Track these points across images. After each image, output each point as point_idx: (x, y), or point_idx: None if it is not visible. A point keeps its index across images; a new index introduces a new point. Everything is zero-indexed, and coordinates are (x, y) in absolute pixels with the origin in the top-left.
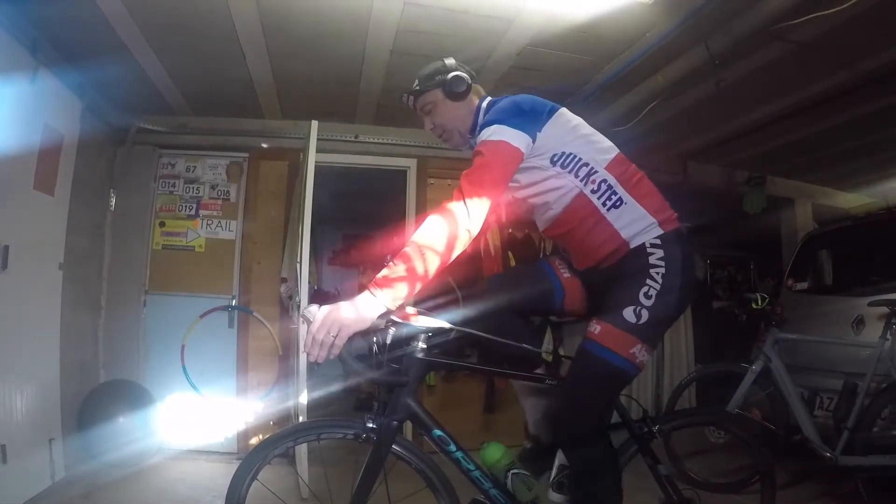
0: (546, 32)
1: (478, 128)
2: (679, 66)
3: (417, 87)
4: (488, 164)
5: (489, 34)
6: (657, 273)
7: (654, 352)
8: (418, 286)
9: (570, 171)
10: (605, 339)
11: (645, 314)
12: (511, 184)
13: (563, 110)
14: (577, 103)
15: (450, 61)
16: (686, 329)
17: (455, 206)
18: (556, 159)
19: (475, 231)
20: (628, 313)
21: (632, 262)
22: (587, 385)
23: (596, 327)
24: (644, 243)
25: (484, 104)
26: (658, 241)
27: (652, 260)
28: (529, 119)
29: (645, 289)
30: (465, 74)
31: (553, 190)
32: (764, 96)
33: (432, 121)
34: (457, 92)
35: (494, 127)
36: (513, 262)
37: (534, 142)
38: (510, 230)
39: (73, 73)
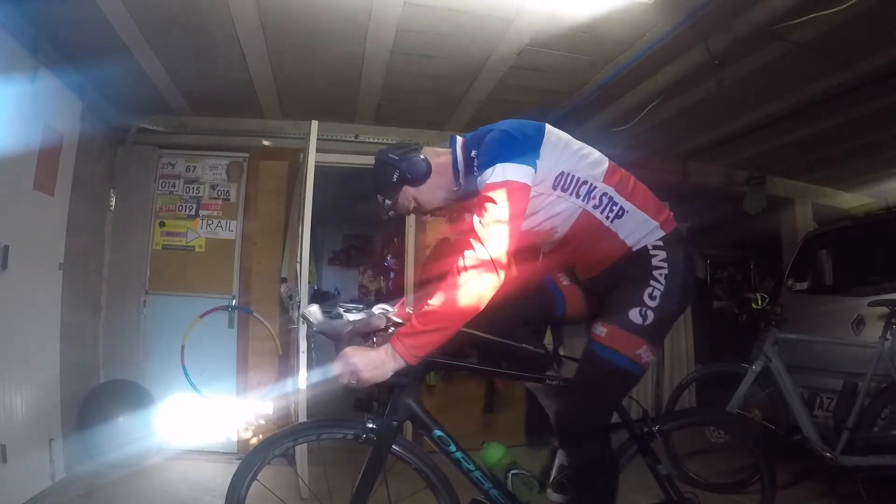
0: (546, 32)
1: (474, 169)
2: (679, 66)
3: (387, 202)
4: (500, 205)
5: (489, 34)
6: (661, 274)
7: (658, 351)
8: (444, 340)
9: (571, 193)
10: (612, 341)
11: (650, 315)
12: None
13: (549, 127)
14: (577, 103)
15: (391, 156)
16: (686, 329)
17: (475, 253)
18: (557, 183)
19: (502, 270)
20: (634, 315)
21: (635, 265)
22: (594, 386)
23: (602, 329)
24: (647, 246)
25: (459, 146)
26: (660, 243)
27: (655, 262)
28: (527, 148)
29: (650, 290)
30: (412, 154)
31: (558, 214)
32: (764, 96)
33: (423, 211)
34: (421, 175)
35: (496, 167)
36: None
37: (535, 170)
38: None
39: (73, 73)
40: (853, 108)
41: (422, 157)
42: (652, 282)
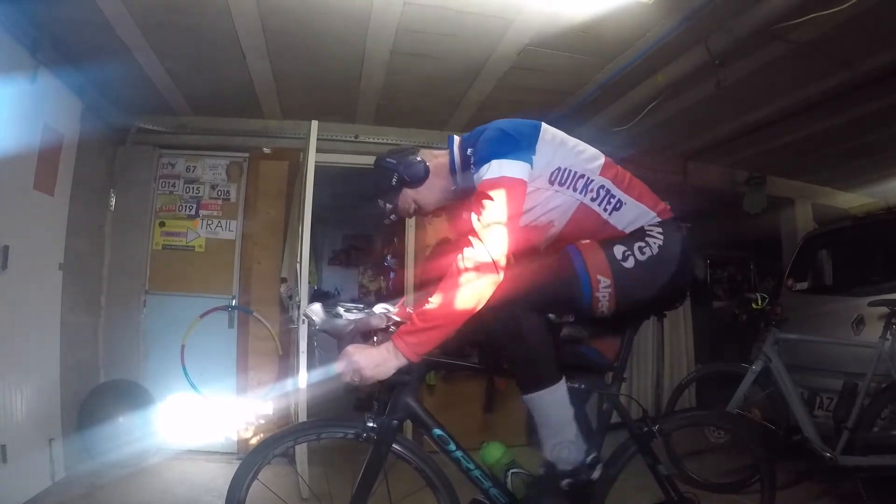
0: (546, 32)
1: (471, 166)
2: (679, 66)
3: (388, 205)
4: (497, 202)
5: (489, 34)
6: (655, 243)
7: (611, 306)
8: (444, 337)
9: (568, 187)
10: (586, 251)
11: (631, 261)
12: None
13: (544, 125)
14: (577, 103)
15: (388, 160)
16: (686, 329)
17: (474, 251)
18: (553, 177)
19: (501, 269)
20: (618, 249)
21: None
22: (543, 273)
23: (586, 241)
24: (643, 226)
25: (456, 146)
26: (656, 223)
27: (651, 233)
28: (522, 144)
29: (641, 244)
30: (410, 157)
31: (555, 208)
32: (764, 96)
33: (424, 212)
34: (419, 176)
35: (492, 163)
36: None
37: (531, 166)
38: None
39: (73, 73)
40: (853, 108)
41: (419, 158)
42: (646, 238)
